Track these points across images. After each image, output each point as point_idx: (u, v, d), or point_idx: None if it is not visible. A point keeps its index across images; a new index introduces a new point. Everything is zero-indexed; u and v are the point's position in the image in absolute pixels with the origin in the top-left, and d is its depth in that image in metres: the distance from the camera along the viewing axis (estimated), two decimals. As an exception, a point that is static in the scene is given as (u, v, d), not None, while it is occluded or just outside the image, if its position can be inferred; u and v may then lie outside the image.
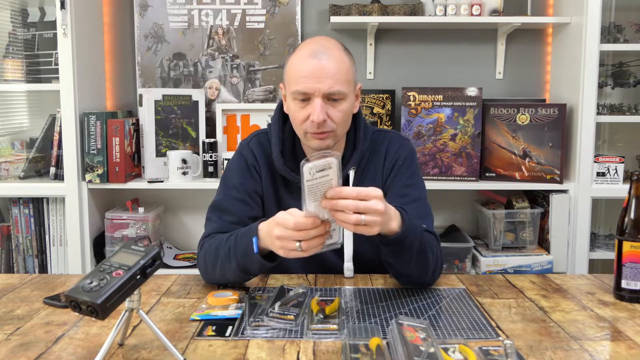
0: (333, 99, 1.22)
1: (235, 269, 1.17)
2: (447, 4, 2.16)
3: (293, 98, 1.24)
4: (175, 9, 2.33)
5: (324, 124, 1.22)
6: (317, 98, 1.21)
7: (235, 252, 1.16)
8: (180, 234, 2.42)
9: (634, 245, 1.13)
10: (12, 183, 2.09)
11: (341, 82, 1.22)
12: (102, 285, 0.82)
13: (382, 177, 1.36)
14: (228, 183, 1.35)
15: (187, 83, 2.36)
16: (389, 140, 1.39)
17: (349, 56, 1.27)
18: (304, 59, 1.22)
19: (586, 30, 2.00)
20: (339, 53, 1.24)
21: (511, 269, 2.07)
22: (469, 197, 2.37)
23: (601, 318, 1.07)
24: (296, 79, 1.22)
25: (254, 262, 1.14)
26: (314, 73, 1.20)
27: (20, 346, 0.95)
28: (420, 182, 1.37)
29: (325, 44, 1.25)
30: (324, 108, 1.21)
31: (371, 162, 1.36)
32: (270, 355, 0.91)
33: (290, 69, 1.26)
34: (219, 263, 1.20)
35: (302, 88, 1.21)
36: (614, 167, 2.07)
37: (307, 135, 1.26)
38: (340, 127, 1.25)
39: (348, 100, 1.25)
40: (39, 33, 2.18)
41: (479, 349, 0.89)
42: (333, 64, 1.21)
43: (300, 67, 1.22)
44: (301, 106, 1.23)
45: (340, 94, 1.22)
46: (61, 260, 2.13)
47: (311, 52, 1.22)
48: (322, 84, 1.20)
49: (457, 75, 2.35)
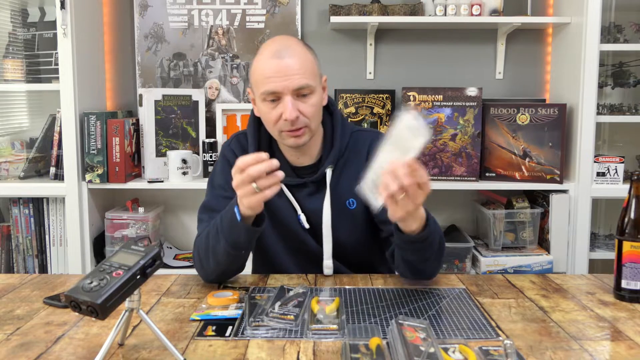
0: (302, 95, 1.23)
1: (225, 246, 1.18)
2: (447, 4, 2.16)
3: (263, 99, 1.25)
4: (175, 9, 2.33)
5: (297, 121, 1.23)
6: (287, 96, 1.22)
7: (222, 229, 1.18)
8: (180, 234, 2.42)
9: (634, 245, 1.13)
10: (12, 183, 2.09)
11: (308, 76, 1.23)
12: (102, 285, 0.82)
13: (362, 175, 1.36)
14: (214, 184, 1.37)
15: (187, 83, 2.36)
16: (372, 140, 1.37)
17: (310, 51, 1.29)
18: (268, 59, 1.23)
19: (586, 30, 2.00)
20: (300, 49, 1.26)
21: (511, 269, 2.07)
22: (469, 197, 2.37)
23: (601, 318, 1.07)
24: (263, 80, 1.23)
25: (240, 232, 1.15)
26: (279, 71, 1.21)
27: (20, 346, 0.95)
28: None
29: (285, 42, 1.27)
30: (294, 105, 1.22)
31: (351, 162, 1.36)
32: (270, 355, 0.91)
33: (255, 71, 1.26)
34: (211, 248, 1.21)
35: (271, 88, 1.22)
36: (614, 167, 2.07)
37: (282, 134, 1.27)
38: (313, 120, 1.27)
39: (317, 93, 1.26)
40: (39, 33, 2.18)
41: (479, 349, 0.89)
42: (296, 60, 1.22)
43: (265, 68, 1.23)
44: (272, 107, 1.24)
45: (309, 87, 1.23)
46: (61, 260, 2.13)
47: (273, 52, 1.23)
48: (290, 80, 1.21)
49: (457, 75, 2.35)
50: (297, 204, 1.34)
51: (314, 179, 1.33)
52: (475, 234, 2.35)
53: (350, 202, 1.35)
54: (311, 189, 1.34)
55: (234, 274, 1.29)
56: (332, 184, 1.33)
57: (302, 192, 1.34)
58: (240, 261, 1.25)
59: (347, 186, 1.33)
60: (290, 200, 1.34)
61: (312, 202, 1.34)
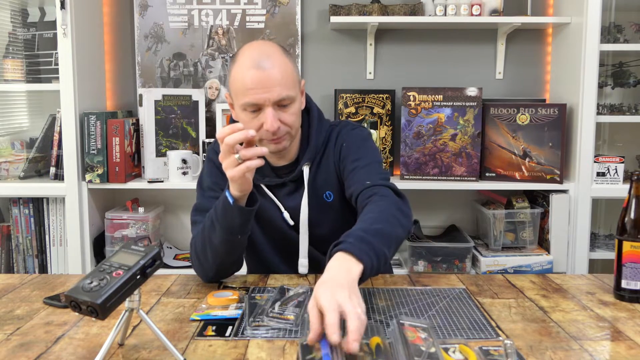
0: (283, 105, 1.24)
1: (220, 232, 1.18)
2: (447, 4, 2.16)
3: (243, 109, 1.25)
4: (175, 9, 2.33)
5: (278, 131, 1.23)
6: (268, 107, 1.22)
7: (217, 217, 1.19)
8: (180, 234, 2.42)
9: (634, 245, 1.13)
10: (12, 183, 2.09)
11: (288, 87, 1.23)
12: (102, 285, 0.82)
13: (334, 165, 1.36)
14: (203, 186, 1.38)
15: (187, 83, 2.36)
16: (339, 130, 1.39)
17: (289, 57, 1.28)
18: (248, 69, 1.21)
19: (586, 30, 2.00)
20: (280, 58, 1.24)
21: (511, 269, 2.07)
22: (469, 197, 2.37)
23: (601, 318, 1.07)
24: (244, 91, 1.22)
25: (234, 215, 1.16)
26: (260, 83, 1.20)
27: (20, 346, 0.95)
28: (370, 153, 1.34)
29: (265, 50, 1.25)
30: (275, 115, 1.22)
31: (326, 156, 1.37)
32: (270, 355, 0.91)
33: (235, 80, 1.25)
34: (207, 240, 1.21)
35: (252, 100, 1.21)
36: (614, 167, 2.07)
37: (264, 142, 1.27)
38: (293, 127, 1.28)
39: (297, 102, 1.27)
40: (39, 33, 2.18)
41: (479, 349, 0.89)
42: (277, 71, 1.21)
43: (245, 79, 1.22)
44: (252, 116, 1.24)
45: (289, 98, 1.24)
46: (61, 260, 2.13)
47: (253, 62, 1.21)
48: (271, 93, 1.21)
49: (457, 75, 2.35)
50: (280, 203, 1.36)
51: (292, 178, 1.35)
52: (475, 234, 2.35)
53: (327, 195, 1.36)
54: (290, 188, 1.36)
55: (232, 269, 1.29)
56: (309, 180, 1.35)
57: (282, 191, 1.36)
58: (237, 250, 1.25)
59: (323, 180, 1.35)
60: (273, 199, 1.36)
61: (292, 200, 1.36)
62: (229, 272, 1.29)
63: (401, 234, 1.14)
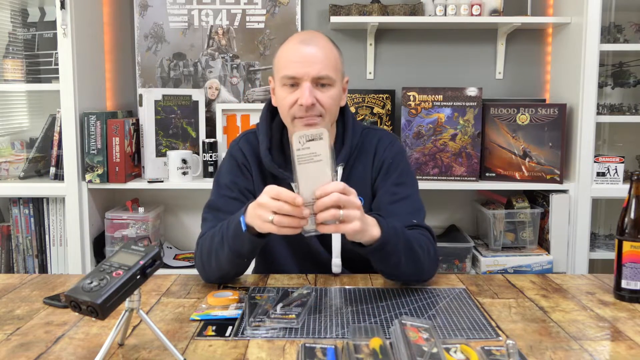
0: (321, 84, 1.25)
1: (228, 253, 1.17)
2: (447, 4, 2.16)
3: (282, 84, 1.26)
4: (175, 9, 2.33)
5: (312, 108, 1.23)
6: (305, 82, 1.23)
7: (227, 236, 1.17)
8: (180, 234, 2.42)
9: (634, 245, 1.13)
10: (12, 183, 2.09)
11: (329, 68, 1.25)
12: (102, 285, 0.82)
13: (370, 175, 1.36)
14: (220, 183, 1.36)
15: (187, 83, 2.36)
16: (379, 139, 1.39)
17: (337, 48, 1.31)
18: (294, 45, 1.26)
19: (586, 30, 2.00)
20: (327, 43, 1.28)
21: (511, 269, 2.07)
22: (469, 197, 2.37)
23: (601, 318, 1.07)
24: (285, 64, 1.25)
25: (244, 242, 1.14)
26: (303, 57, 1.23)
27: (20, 346, 0.95)
28: (410, 179, 1.36)
29: (314, 33, 1.31)
30: (312, 92, 1.23)
31: (359, 160, 1.37)
32: (270, 355, 0.91)
33: (279, 57, 1.29)
34: (214, 252, 1.20)
35: (291, 72, 1.23)
36: (614, 167, 2.07)
37: (295, 121, 1.26)
38: (328, 113, 1.26)
39: (336, 88, 1.28)
40: (39, 33, 2.18)
41: (481, 349, 0.89)
42: (321, 51, 1.25)
43: (289, 53, 1.25)
44: (289, 91, 1.25)
45: (329, 79, 1.25)
46: (61, 260, 2.13)
47: (301, 40, 1.27)
48: (311, 68, 1.23)
49: (457, 75, 2.35)
50: None
51: None
52: (475, 234, 2.35)
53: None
54: None
55: (235, 277, 1.29)
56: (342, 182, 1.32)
57: None
58: (243, 267, 1.25)
59: (355, 184, 1.33)
60: None
61: None
62: (231, 279, 1.28)
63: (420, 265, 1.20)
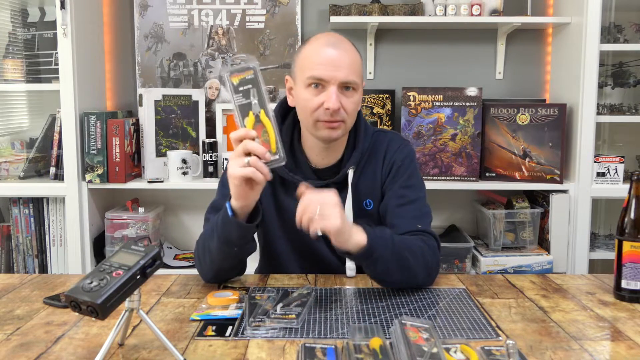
0: (346, 89, 1.25)
1: (217, 242, 1.17)
2: (447, 4, 2.16)
3: (307, 85, 1.24)
4: (175, 9, 2.33)
5: (337, 112, 1.23)
6: (332, 86, 1.22)
7: (216, 226, 1.17)
8: (180, 234, 2.42)
9: (634, 245, 1.13)
10: (12, 183, 2.09)
11: (355, 73, 1.25)
12: (102, 285, 0.82)
13: (380, 177, 1.36)
14: (225, 183, 1.35)
15: (187, 83, 2.36)
16: (389, 141, 1.38)
17: (359, 53, 1.31)
18: (322, 47, 1.25)
19: (586, 30, 2.00)
20: (352, 47, 1.29)
21: (511, 269, 2.07)
22: (469, 197, 2.37)
23: (601, 318, 1.07)
24: (312, 66, 1.23)
25: (232, 228, 1.14)
26: (332, 61, 1.23)
27: (20, 346, 0.95)
28: (418, 183, 1.37)
29: (339, 37, 1.30)
30: (338, 96, 1.23)
31: (370, 163, 1.36)
32: (270, 355, 0.91)
33: (304, 57, 1.27)
34: (206, 245, 1.21)
35: (319, 74, 1.22)
36: (614, 167, 2.07)
37: (318, 124, 1.26)
38: (350, 118, 1.27)
39: (359, 93, 1.28)
40: (39, 33, 2.18)
41: (481, 349, 0.89)
42: (349, 55, 1.25)
43: (317, 55, 1.24)
44: (314, 93, 1.24)
45: (355, 84, 1.25)
46: (61, 260, 2.13)
47: (328, 42, 1.26)
48: (340, 72, 1.22)
49: (457, 75, 2.35)
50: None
51: (336, 180, 1.32)
52: (475, 234, 2.35)
53: (367, 203, 1.35)
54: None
55: (231, 274, 1.28)
56: (353, 185, 1.32)
57: None
58: (234, 260, 1.23)
59: (366, 187, 1.34)
60: None
61: None
62: (228, 277, 1.28)
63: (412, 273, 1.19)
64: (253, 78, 1.06)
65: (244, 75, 1.06)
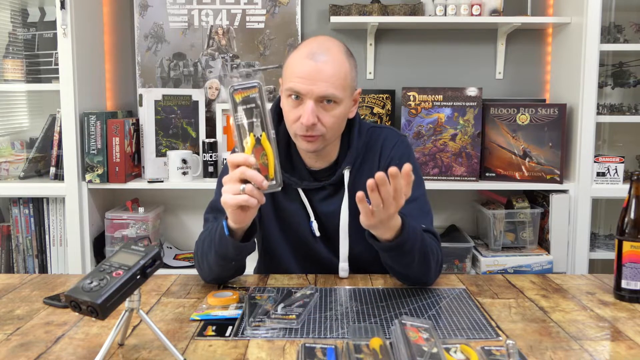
0: (327, 102, 1.20)
1: (215, 256, 1.17)
2: (447, 4, 2.16)
3: (287, 95, 1.23)
4: (175, 9, 2.33)
5: (313, 128, 1.20)
6: (309, 100, 1.19)
7: (214, 240, 1.17)
8: (180, 234, 2.42)
9: (634, 245, 1.13)
10: (12, 183, 2.09)
11: (336, 87, 1.19)
12: (102, 285, 0.82)
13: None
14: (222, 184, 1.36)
15: (187, 83, 2.36)
16: (384, 138, 1.36)
17: (350, 60, 1.25)
18: (302, 58, 1.20)
19: (586, 30, 2.00)
20: (339, 56, 1.22)
21: (511, 269, 2.07)
22: (469, 197, 2.37)
23: (601, 318, 1.07)
24: (291, 77, 1.21)
25: (228, 246, 1.14)
26: (309, 74, 1.18)
27: (20, 346, 0.95)
28: (418, 180, 1.34)
29: (327, 44, 1.23)
30: (314, 111, 1.19)
31: (366, 161, 1.34)
32: (270, 355, 0.91)
33: (287, 66, 1.25)
34: (205, 254, 1.21)
35: (295, 87, 1.19)
36: (614, 167, 2.07)
37: (297, 137, 1.25)
38: (330, 131, 1.23)
39: (343, 105, 1.23)
40: (39, 33, 2.18)
41: (481, 349, 0.89)
42: (330, 67, 1.19)
43: (297, 66, 1.20)
44: (293, 105, 1.22)
45: (334, 97, 1.20)
46: (61, 260, 2.13)
47: (310, 52, 1.20)
48: (316, 86, 1.18)
49: (457, 75, 2.35)
50: (311, 210, 1.32)
51: (332, 181, 1.31)
52: (475, 234, 2.35)
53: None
54: (329, 192, 1.33)
55: (231, 278, 1.28)
56: (349, 185, 1.31)
57: (319, 196, 1.33)
58: (233, 270, 1.25)
59: (363, 186, 1.33)
60: (305, 205, 1.32)
61: (328, 205, 1.32)
62: (228, 280, 1.28)
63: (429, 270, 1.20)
64: (257, 96, 1.03)
65: (248, 93, 1.03)
